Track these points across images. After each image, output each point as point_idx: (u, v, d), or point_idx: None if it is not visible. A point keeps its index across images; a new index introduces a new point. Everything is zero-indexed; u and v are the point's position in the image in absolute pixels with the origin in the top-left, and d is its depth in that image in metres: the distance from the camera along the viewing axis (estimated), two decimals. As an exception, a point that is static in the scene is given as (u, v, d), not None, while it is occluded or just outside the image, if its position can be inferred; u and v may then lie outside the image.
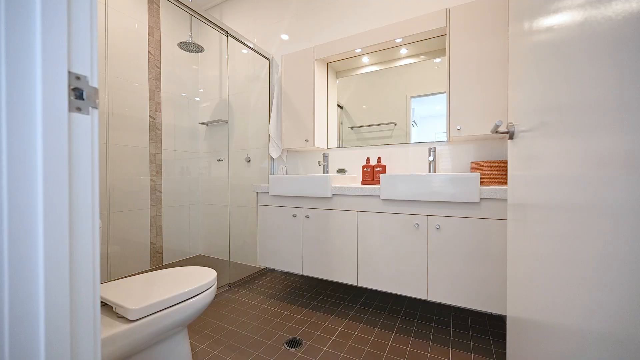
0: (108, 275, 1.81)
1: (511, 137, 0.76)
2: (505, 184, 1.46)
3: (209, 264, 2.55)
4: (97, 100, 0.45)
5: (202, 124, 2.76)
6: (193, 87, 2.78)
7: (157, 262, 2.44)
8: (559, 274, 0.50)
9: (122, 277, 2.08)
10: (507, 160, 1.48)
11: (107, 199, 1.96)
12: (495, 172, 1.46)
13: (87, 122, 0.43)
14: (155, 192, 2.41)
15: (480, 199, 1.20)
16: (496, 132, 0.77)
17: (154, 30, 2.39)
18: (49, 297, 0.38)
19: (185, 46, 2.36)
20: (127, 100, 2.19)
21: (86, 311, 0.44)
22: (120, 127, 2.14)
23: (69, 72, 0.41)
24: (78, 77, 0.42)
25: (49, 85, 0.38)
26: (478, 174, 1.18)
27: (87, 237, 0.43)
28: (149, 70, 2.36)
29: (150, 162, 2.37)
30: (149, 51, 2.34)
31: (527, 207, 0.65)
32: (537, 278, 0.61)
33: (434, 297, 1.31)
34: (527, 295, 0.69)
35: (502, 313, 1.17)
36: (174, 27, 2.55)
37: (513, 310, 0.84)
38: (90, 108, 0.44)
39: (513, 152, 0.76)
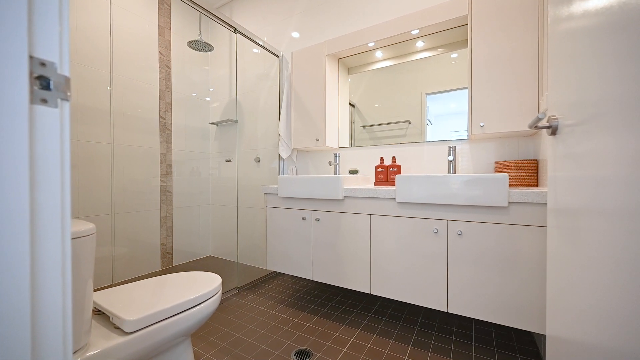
0: (113, 277, 1.80)
1: (553, 133, 0.65)
2: (534, 185, 1.33)
3: (219, 265, 2.51)
4: (68, 92, 0.39)
5: (212, 124, 2.73)
6: (203, 87, 2.76)
7: (168, 263, 2.43)
8: (633, 293, 0.40)
9: (132, 279, 2.08)
10: (536, 160, 1.34)
11: (112, 201, 1.94)
12: (523, 172, 1.33)
13: (55, 117, 0.37)
14: (166, 192, 2.40)
15: (509, 202, 1.08)
16: (535, 126, 0.67)
17: (164, 30, 2.37)
18: (3, 308, 0.32)
19: (195, 45, 2.33)
20: (137, 100, 2.18)
21: (53, 322, 0.37)
22: (130, 127, 2.13)
23: (31, 57, 0.35)
24: (43, 64, 0.36)
25: (2, 71, 0.32)
26: (506, 175, 1.07)
27: (54, 242, 0.37)
28: (160, 71, 2.34)
29: (161, 162, 2.36)
30: (159, 51, 2.33)
31: (579, 213, 0.54)
32: (594, 295, 0.50)
33: (455, 309, 1.20)
34: (576, 313, 0.58)
35: (534, 330, 1.05)
36: (184, 26, 2.53)
37: (555, 329, 0.73)
38: (59, 100, 0.37)
39: (556, 150, 0.65)
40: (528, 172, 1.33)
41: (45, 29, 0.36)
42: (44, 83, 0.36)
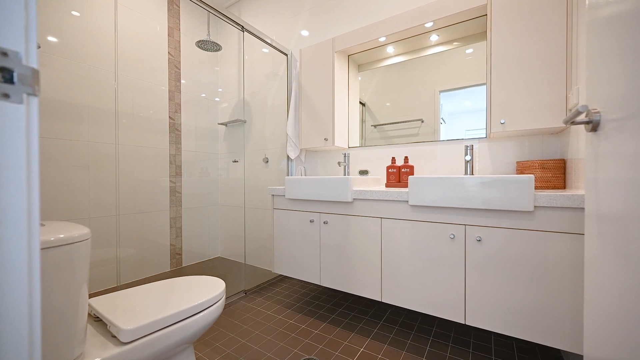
0: (118, 279, 1.79)
1: (594, 129, 0.57)
2: (562, 187, 1.22)
3: (227, 267, 2.49)
4: (36, 86, 0.34)
5: (221, 124, 2.72)
6: (213, 88, 2.75)
7: (177, 263, 2.42)
8: None
9: (141, 280, 2.08)
10: (563, 160, 1.24)
11: (117, 201, 1.94)
12: (549, 173, 1.23)
13: (20, 113, 0.33)
14: (175, 193, 2.40)
15: (535, 206, 0.98)
16: (572, 122, 0.58)
17: (173, 30, 2.37)
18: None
19: (203, 45, 2.32)
20: (147, 102, 2.19)
21: (16, 332, 0.33)
22: (140, 128, 2.14)
23: (-11, 46, 0.30)
24: (5, 54, 0.32)
25: (-50, 60, 0.28)
26: (532, 176, 0.97)
27: (19, 251, 0.33)
28: (169, 72, 2.35)
29: (170, 163, 2.36)
30: (168, 52, 2.33)
31: (630, 219, 0.46)
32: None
33: (474, 321, 1.11)
34: (624, 332, 0.50)
35: (565, 349, 0.95)
36: (192, 26, 2.53)
37: (595, 349, 0.64)
38: (24, 95, 0.33)
39: (598, 148, 0.57)
40: (554, 173, 1.22)
41: (8, 15, 0.32)
42: (6, 76, 0.32)
